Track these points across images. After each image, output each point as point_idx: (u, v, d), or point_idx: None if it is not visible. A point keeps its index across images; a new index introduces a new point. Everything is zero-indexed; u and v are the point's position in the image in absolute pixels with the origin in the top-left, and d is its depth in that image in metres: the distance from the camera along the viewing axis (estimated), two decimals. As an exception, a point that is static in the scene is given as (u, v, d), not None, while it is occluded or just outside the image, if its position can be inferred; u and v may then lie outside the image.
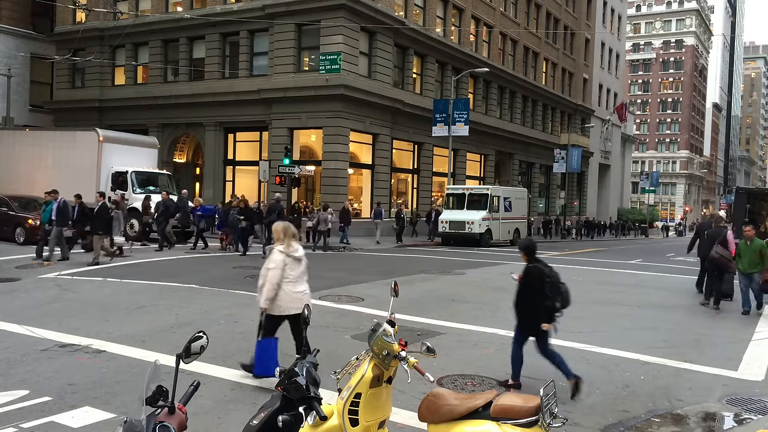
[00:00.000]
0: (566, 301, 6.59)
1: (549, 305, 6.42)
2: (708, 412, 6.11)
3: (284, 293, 6.24)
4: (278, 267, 6.22)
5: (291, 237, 6.43)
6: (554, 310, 6.48)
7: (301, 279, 6.46)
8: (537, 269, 6.57)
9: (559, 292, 6.53)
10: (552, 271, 6.61)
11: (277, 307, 6.26)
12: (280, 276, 6.21)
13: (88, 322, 8.83)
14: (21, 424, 5.03)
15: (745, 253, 11.56)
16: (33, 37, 35.40)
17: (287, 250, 6.34)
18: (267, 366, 6.02)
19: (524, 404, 3.37)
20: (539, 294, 6.42)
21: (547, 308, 6.43)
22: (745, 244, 11.63)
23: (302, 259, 6.49)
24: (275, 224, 6.66)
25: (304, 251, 6.62)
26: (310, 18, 27.74)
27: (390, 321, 3.77)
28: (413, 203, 34.19)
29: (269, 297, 6.19)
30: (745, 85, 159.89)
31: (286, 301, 6.24)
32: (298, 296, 6.30)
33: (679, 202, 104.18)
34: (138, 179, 23.06)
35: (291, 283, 6.30)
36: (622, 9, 65.91)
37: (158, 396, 2.52)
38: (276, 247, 6.38)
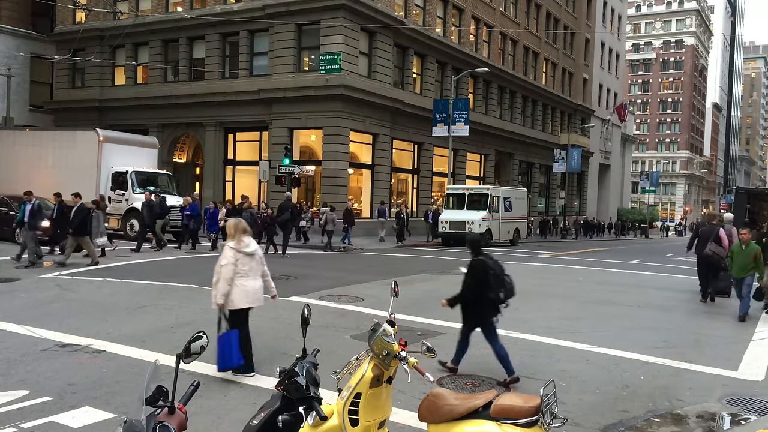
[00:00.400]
0: (510, 293, 6.80)
1: (493, 297, 6.67)
2: (708, 412, 6.11)
3: (236, 288, 6.41)
4: (230, 263, 6.37)
5: (242, 232, 6.57)
6: (498, 302, 6.73)
7: (254, 273, 6.60)
8: (481, 262, 6.80)
9: (503, 284, 6.74)
10: (496, 264, 6.85)
11: (230, 301, 6.42)
12: (232, 271, 6.37)
13: (88, 322, 8.83)
14: (21, 424, 5.03)
15: (738, 256, 11.19)
16: (33, 37, 35.40)
17: (238, 246, 6.48)
18: (230, 359, 6.29)
19: (524, 404, 3.37)
20: (484, 286, 6.66)
21: (491, 300, 6.69)
22: (739, 248, 11.26)
23: (254, 253, 6.63)
24: (228, 221, 6.88)
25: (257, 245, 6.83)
26: (310, 18, 27.74)
27: (390, 321, 3.77)
28: (413, 203, 34.19)
29: (224, 293, 6.36)
30: (745, 85, 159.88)
31: (238, 295, 6.42)
32: (249, 290, 6.49)
33: (679, 202, 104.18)
34: (138, 179, 23.06)
35: (243, 277, 6.45)
36: (622, 9, 65.92)
37: (158, 396, 2.52)
38: (227, 243, 6.54)
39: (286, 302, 10.97)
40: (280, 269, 15.61)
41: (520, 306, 11.69)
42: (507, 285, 6.80)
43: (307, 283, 13.40)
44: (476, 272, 6.78)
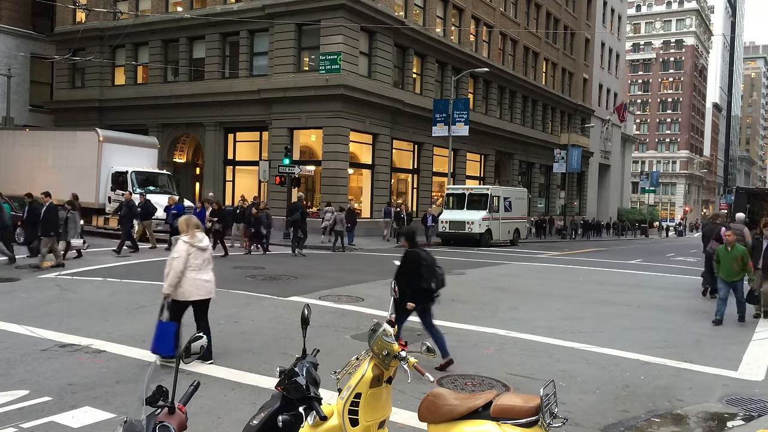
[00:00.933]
0: (441, 283, 7.15)
1: (425, 287, 6.98)
2: (708, 412, 6.11)
3: (188, 280, 6.72)
4: (182, 256, 6.70)
5: (194, 228, 6.92)
6: (430, 291, 7.06)
7: (205, 267, 6.92)
8: (415, 253, 7.13)
9: (435, 275, 7.07)
10: (429, 255, 7.20)
11: (182, 293, 6.74)
12: (183, 264, 6.69)
13: (88, 322, 8.83)
14: (21, 424, 5.03)
15: (725, 259, 10.58)
16: (33, 37, 35.40)
17: (191, 241, 6.79)
18: (164, 346, 6.58)
19: (524, 404, 3.37)
20: (417, 276, 6.95)
21: (423, 290, 6.99)
22: (725, 250, 10.65)
23: (206, 248, 6.96)
24: (180, 218, 7.22)
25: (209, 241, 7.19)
26: (310, 18, 27.74)
27: (390, 321, 3.77)
28: (413, 203, 34.20)
29: (172, 284, 6.69)
30: (745, 85, 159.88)
31: (190, 287, 6.74)
32: (201, 283, 6.81)
33: (679, 202, 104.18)
34: (138, 179, 23.07)
35: (195, 270, 6.77)
36: (622, 9, 65.91)
37: (158, 396, 2.52)
38: (181, 237, 6.86)
39: (286, 302, 10.98)
40: (280, 269, 15.62)
41: (520, 306, 11.72)
42: (439, 276, 7.12)
43: (307, 283, 13.40)
44: (410, 262, 7.07)
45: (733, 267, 10.43)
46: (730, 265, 10.46)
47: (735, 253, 10.49)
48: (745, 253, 10.50)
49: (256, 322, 9.21)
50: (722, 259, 10.65)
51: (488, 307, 11.45)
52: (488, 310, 11.15)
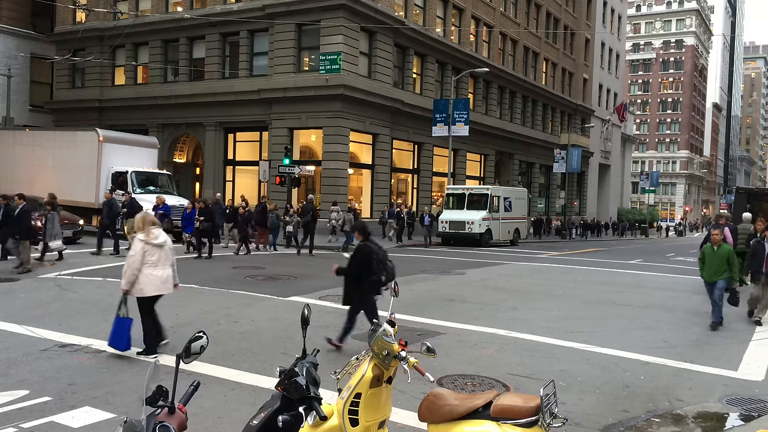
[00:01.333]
0: (391, 276, 7.37)
1: (375, 279, 7.30)
2: (708, 412, 6.11)
3: (144, 276, 6.99)
4: (138, 254, 6.95)
5: (150, 225, 7.14)
6: (380, 284, 7.36)
7: (163, 263, 7.14)
8: (367, 247, 7.39)
9: (386, 269, 7.36)
10: (381, 249, 7.50)
11: (139, 289, 7.02)
12: (139, 261, 6.94)
13: (88, 322, 8.83)
14: (21, 424, 5.02)
15: (711, 259, 10.20)
16: (33, 37, 35.40)
17: (147, 238, 7.03)
18: (119, 341, 7.02)
19: (524, 404, 3.37)
20: (367, 269, 7.26)
21: (373, 282, 7.31)
22: (710, 249, 10.27)
23: (164, 244, 7.17)
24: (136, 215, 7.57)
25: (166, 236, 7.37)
26: (310, 18, 27.74)
27: (390, 321, 3.77)
28: (413, 203, 34.20)
29: (129, 281, 6.96)
30: (745, 85, 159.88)
31: (147, 283, 7.02)
32: (157, 279, 7.08)
33: (679, 202, 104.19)
34: (138, 179, 23.06)
35: (151, 266, 7.03)
36: (622, 9, 65.92)
37: (158, 396, 2.52)
38: (137, 235, 7.08)
39: (286, 302, 10.98)
40: (280, 269, 15.62)
41: (520, 306, 11.72)
42: (389, 269, 7.41)
43: (307, 283, 13.40)
44: (362, 255, 7.36)
45: (720, 265, 10.05)
46: (717, 264, 10.09)
47: (721, 252, 10.13)
48: (731, 253, 10.14)
49: (256, 322, 9.21)
50: (708, 258, 10.28)
51: (488, 307, 11.45)
52: (488, 310, 11.15)
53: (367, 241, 7.49)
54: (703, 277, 10.35)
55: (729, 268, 10.02)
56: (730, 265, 10.02)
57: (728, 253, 10.08)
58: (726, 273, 10.02)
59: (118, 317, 7.10)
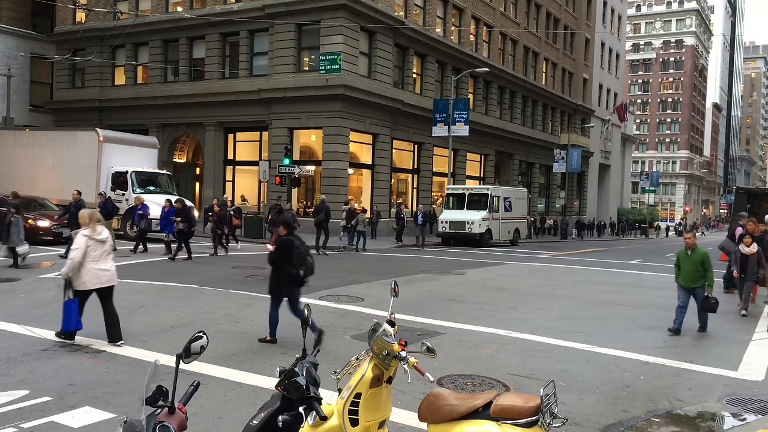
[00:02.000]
0: (309, 271, 7.80)
1: (294, 273, 7.62)
2: (708, 412, 6.11)
3: (87, 270, 7.33)
4: (81, 248, 7.28)
5: (96, 222, 7.51)
6: (299, 277, 7.69)
7: (105, 258, 7.53)
8: (290, 241, 7.69)
9: (305, 263, 7.72)
10: (303, 245, 7.85)
11: (82, 283, 7.38)
12: (82, 255, 7.28)
13: (88, 322, 8.81)
14: (21, 424, 5.02)
15: (684, 264, 9.66)
16: (33, 37, 35.39)
17: (91, 234, 7.39)
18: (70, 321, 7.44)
19: (524, 404, 3.37)
20: (287, 262, 7.59)
21: (291, 275, 7.62)
22: (684, 254, 9.69)
23: (106, 240, 7.55)
24: (82, 211, 7.81)
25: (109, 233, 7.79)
26: (310, 18, 27.74)
27: (390, 321, 3.77)
28: (413, 203, 34.20)
29: (68, 271, 7.35)
30: (745, 85, 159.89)
31: (90, 277, 7.37)
32: (99, 273, 7.43)
33: (679, 202, 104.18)
34: (138, 179, 23.06)
35: (94, 261, 7.38)
36: (622, 9, 65.90)
37: (158, 396, 2.52)
38: (81, 231, 7.43)
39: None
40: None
41: (520, 306, 11.72)
42: (308, 264, 7.80)
43: (307, 283, 13.38)
44: (285, 248, 7.67)
45: (695, 271, 9.51)
46: (691, 269, 9.55)
47: (695, 257, 9.55)
48: (705, 257, 9.51)
49: (256, 322, 9.21)
50: (682, 263, 9.71)
51: (488, 307, 11.45)
52: (488, 310, 11.15)
53: (291, 236, 7.81)
54: (679, 282, 9.77)
55: (704, 273, 9.50)
56: (705, 269, 9.48)
57: (703, 257, 9.49)
58: (702, 279, 9.54)
59: (64, 302, 7.50)
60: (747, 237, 11.68)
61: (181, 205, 17.55)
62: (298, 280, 7.72)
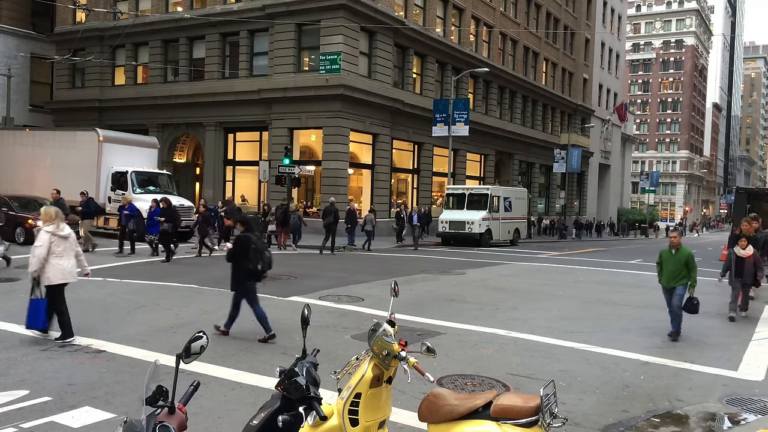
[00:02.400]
0: (267, 265, 8.15)
1: (252, 267, 7.92)
2: (708, 412, 6.11)
3: (51, 266, 7.57)
4: (44, 245, 7.52)
5: (60, 219, 7.76)
6: (257, 271, 8.00)
7: (68, 254, 7.76)
8: (247, 237, 8.01)
9: (263, 258, 8.04)
10: (260, 240, 8.28)
11: (47, 278, 7.57)
12: (46, 252, 7.52)
13: (88, 322, 8.83)
14: (21, 424, 5.02)
15: (667, 263, 9.34)
16: (33, 37, 35.39)
17: (54, 230, 7.62)
18: (36, 320, 7.67)
19: (524, 404, 3.37)
20: (245, 258, 7.89)
21: (249, 270, 7.92)
22: (668, 253, 9.37)
23: (68, 236, 7.79)
24: (45, 207, 8.09)
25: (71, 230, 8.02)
26: (310, 18, 27.74)
27: (390, 321, 3.77)
28: (413, 203, 34.20)
29: (36, 268, 7.56)
30: (745, 85, 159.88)
31: (53, 272, 7.59)
32: (62, 268, 7.66)
33: (679, 202, 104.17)
34: (138, 179, 23.06)
35: (57, 257, 7.62)
36: (622, 9, 65.91)
37: (158, 396, 2.52)
38: (44, 228, 7.66)
39: (286, 302, 10.98)
40: (280, 269, 15.60)
41: (520, 306, 11.72)
42: (266, 259, 8.12)
43: (307, 283, 13.40)
44: (242, 244, 7.98)
45: (679, 270, 9.20)
46: (675, 268, 9.22)
47: (680, 256, 9.22)
48: (690, 257, 9.22)
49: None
50: (665, 263, 9.40)
51: (488, 307, 11.45)
52: (488, 310, 11.15)
53: (248, 232, 8.12)
54: (662, 283, 9.47)
55: (688, 273, 9.18)
56: (689, 270, 9.17)
57: (687, 257, 9.19)
58: (684, 279, 9.18)
59: (32, 299, 7.70)
60: (743, 240, 11.52)
61: (166, 204, 17.20)
62: (257, 273, 8.03)
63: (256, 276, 8.05)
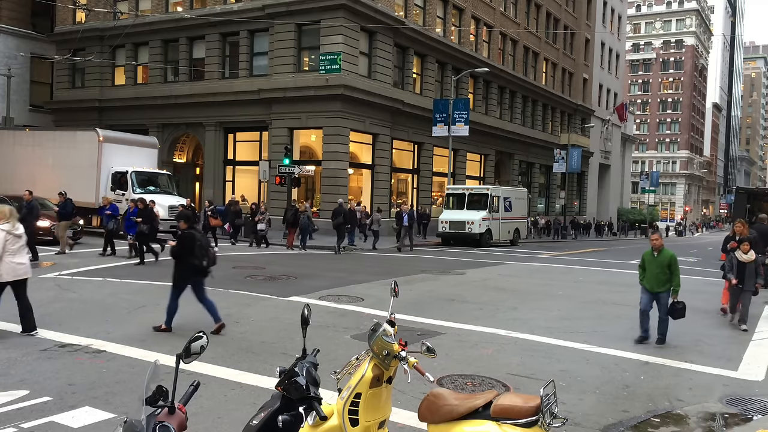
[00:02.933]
0: (212, 261, 8.43)
1: (197, 263, 8.19)
2: (708, 412, 6.11)
3: (5, 264, 7.69)
4: (0, 243, 7.61)
5: (14, 218, 7.92)
6: (203, 267, 8.26)
7: (20, 251, 7.90)
8: (190, 234, 8.27)
9: (207, 254, 8.30)
10: (204, 237, 8.59)
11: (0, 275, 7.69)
12: (1, 249, 7.62)
13: (88, 322, 8.83)
14: (21, 424, 5.02)
15: (650, 266, 8.92)
16: (33, 37, 35.40)
17: (9, 228, 7.74)
18: None
19: (524, 404, 3.37)
20: (190, 254, 8.14)
21: (195, 266, 8.18)
22: (650, 255, 8.97)
23: (22, 235, 7.94)
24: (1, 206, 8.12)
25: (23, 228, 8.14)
26: (310, 18, 27.74)
27: (390, 321, 3.76)
28: (413, 203, 34.19)
29: None
30: (745, 85, 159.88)
31: (6, 270, 7.72)
32: (16, 266, 7.79)
33: (679, 202, 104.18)
34: (138, 179, 23.07)
35: (11, 255, 7.75)
36: (622, 9, 65.90)
37: (158, 396, 2.52)
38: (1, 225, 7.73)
39: (286, 302, 10.98)
40: (281, 269, 15.62)
41: (520, 306, 11.72)
42: (210, 255, 8.39)
43: (307, 283, 13.40)
44: (186, 241, 8.22)
45: (660, 274, 8.80)
46: (657, 272, 8.82)
47: (662, 258, 8.82)
48: (673, 260, 8.79)
49: (256, 322, 9.21)
50: (648, 265, 9.01)
51: (488, 307, 11.45)
52: (488, 310, 11.15)
53: (192, 229, 8.41)
54: (644, 285, 9.02)
55: (671, 276, 8.77)
56: (672, 273, 8.75)
57: (670, 259, 8.77)
58: (668, 284, 8.79)
59: None
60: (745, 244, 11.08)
61: (143, 205, 16.63)
62: (202, 269, 8.29)
63: (202, 272, 8.32)
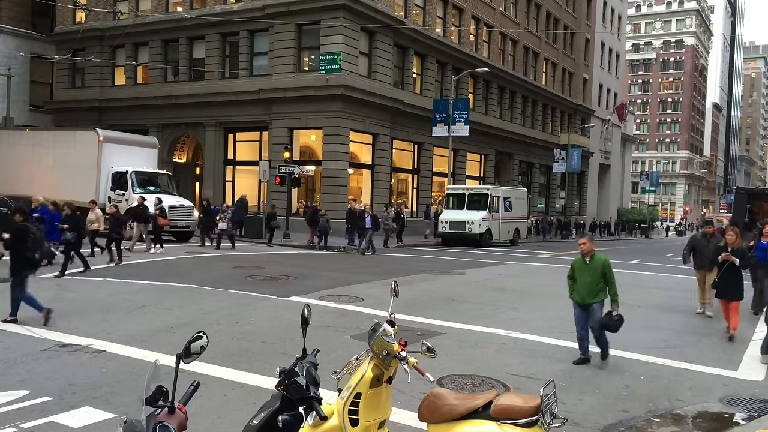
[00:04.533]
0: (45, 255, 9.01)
1: (30, 256, 8.62)
2: (708, 412, 6.11)
3: None
4: None
5: None
6: (35, 260, 8.71)
7: None
8: (25, 227, 8.71)
9: (41, 248, 8.82)
10: (38, 230, 9.00)
11: None
12: None
13: (88, 322, 8.83)
14: (21, 424, 5.02)
15: (582, 275, 7.65)
16: (33, 37, 35.40)
17: None
18: None
19: (524, 404, 3.37)
20: (23, 246, 8.58)
21: (27, 258, 8.61)
22: (582, 262, 7.69)
23: None
24: None
25: None
26: (310, 18, 27.74)
27: (390, 321, 3.76)
28: (413, 203, 34.21)
29: None
30: (745, 85, 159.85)
31: None
32: None
33: (679, 202, 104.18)
34: (138, 179, 23.05)
35: None
36: (622, 9, 65.89)
37: (158, 396, 2.52)
38: None
39: (286, 302, 10.98)
40: (281, 269, 15.62)
41: (520, 306, 11.72)
42: (45, 249, 8.97)
43: (307, 283, 13.40)
44: (20, 234, 8.63)
45: (593, 283, 7.50)
46: (589, 281, 7.53)
47: (594, 265, 7.53)
48: (607, 266, 7.51)
49: (256, 322, 9.21)
50: (578, 275, 7.71)
51: (488, 307, 11.45)
52: (488, 310, 11.15)
53: (27, 222, 8.86)
54: (574, 299, 7.78)
55: (605, 285, 7.52)
56: (606, 282, 7.50)
57: (603, 265, 7.50)
58: (602, 294, 7.53)
59: None
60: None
61: (70, 210, 14.05)
62: (34, 262, 8.73)
63: (33, 264, 8.74)
